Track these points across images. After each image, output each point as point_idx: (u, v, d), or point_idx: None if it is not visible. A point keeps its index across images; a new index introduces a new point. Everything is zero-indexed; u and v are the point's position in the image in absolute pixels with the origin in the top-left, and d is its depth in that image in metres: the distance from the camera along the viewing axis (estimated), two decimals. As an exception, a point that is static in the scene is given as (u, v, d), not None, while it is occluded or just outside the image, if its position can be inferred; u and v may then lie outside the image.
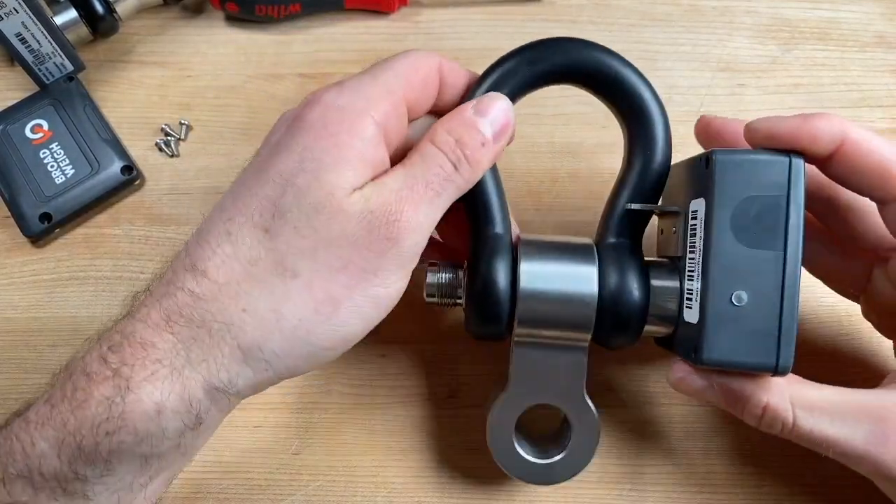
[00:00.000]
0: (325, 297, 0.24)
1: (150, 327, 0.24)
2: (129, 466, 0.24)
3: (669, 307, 0.27)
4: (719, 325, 0.25)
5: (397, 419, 0.33)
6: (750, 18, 0.42)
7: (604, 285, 0.27)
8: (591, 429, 0.29)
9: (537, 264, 0.28)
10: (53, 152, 0.37)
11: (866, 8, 0.42)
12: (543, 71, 0.28)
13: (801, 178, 0.24)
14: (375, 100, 0.26)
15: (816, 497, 0.32)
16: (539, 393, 0.29)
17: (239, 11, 0.40)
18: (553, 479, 0.30)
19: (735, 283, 0.25)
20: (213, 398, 0.24)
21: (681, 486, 0.32)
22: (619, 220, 0.29)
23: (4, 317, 0.35)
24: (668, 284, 0.28)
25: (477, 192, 0.28)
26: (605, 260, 0.28)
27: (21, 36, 0.36)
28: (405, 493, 0.32)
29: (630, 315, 0.27)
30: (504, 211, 0.29)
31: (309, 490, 0.32)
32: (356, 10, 0.42)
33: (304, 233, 0.24)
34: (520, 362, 0.29)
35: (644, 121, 0.28)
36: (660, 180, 0.28)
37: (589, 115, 0.39)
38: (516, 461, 0.30)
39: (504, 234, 0.29)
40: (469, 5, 0.42)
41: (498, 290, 0.27)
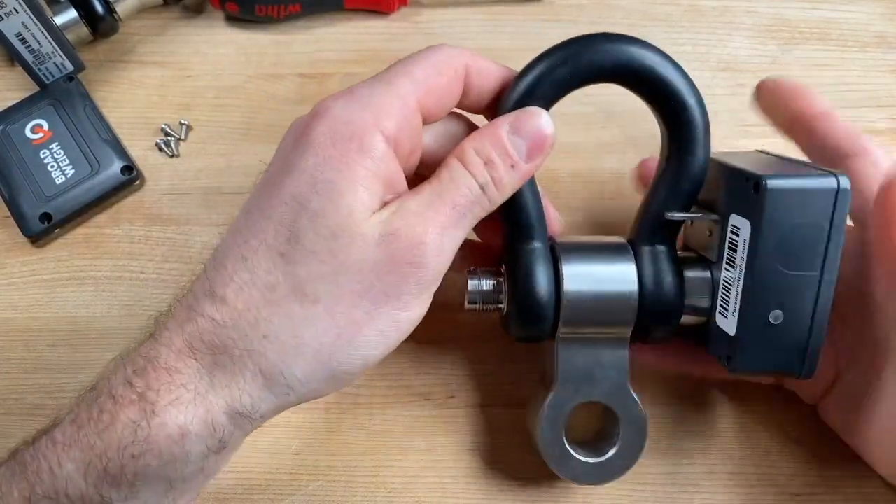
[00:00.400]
0: (347, 322, 0.24)
1: (174, 353, 0.24)
2: (154, 489, 0.24)
3: (702, 300, 0.29)
4: (754, 340, 0.26)
5: (397, 419, 0.33)
6: (750, 18, 0.42)
7: (643, 283, 0.28)
8: (639, 424, 0.30)
9: (579, 266, 0.28)
10: (53, 152, 0.37)
11: (866, 8, 0.42)
12: (583, 70, 0.27)
13: (847, 202, 0.25)
14: (385, 111, 0.25)
15: (817, 497, 0.32)
16: (586, 391, 0.29)
17: (239, 11, 0.40)
18: (606, 478, 0.30)
19: (772, 304, 0.26)
20: (237, 423, 0.24)
21: (681, 486, 0.32)
22: (653, 225, 0.29)
23: (4, 317, 0.35)
24: (701, 278, 0.29)
25: (514, 205, 0.28)
26: (642, 259, 0.28)
27: (21, 36, 0.36)
28: (405, 493, 0.32)
29: (669, 310, 0.28)
30: (542, 222, 0.29)
31: (309, 490, 0.32)
32: (356, 10, 0.42)
33: (323, 257, 0.23)
34: (565, 361, 0.29)
35: (685, 125, 0.28)
36: (697, 186, 0.28)
37: (589, 115, 0.39)
38: (570, 463, 0.30)
39: (542, 246, 0.29)
40: (469, 5, 0.42)
41: (541, 294, 0.28)
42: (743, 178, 0.26)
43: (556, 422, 0.29)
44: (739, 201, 0.26)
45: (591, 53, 0.27)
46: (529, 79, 0.27)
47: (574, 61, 0.27)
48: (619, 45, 0.27)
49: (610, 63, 0.27)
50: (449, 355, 0.35)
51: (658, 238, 0.29)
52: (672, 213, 0.28)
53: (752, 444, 0.33)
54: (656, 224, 0.29)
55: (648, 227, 0.29)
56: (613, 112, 0.39)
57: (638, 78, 0.27)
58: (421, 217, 0.24)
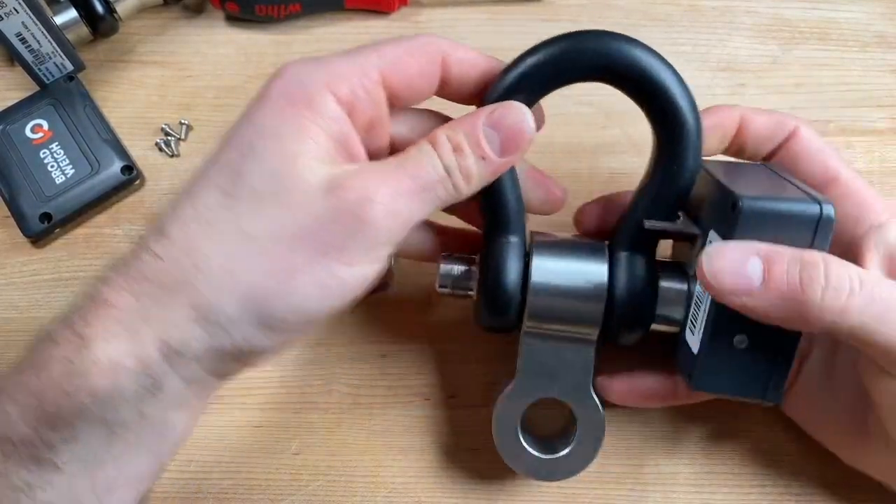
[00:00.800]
0: (283, 265, 0.23)
1: (114, 289, 0.23)
2: (93, 432, 0.23)
3: (676, 311, 0.28)
4: (716, 361, 0.25)
5: (397, 419, 0.33)
6: (750, 18, 0.42)
7: (614, 286, 0.28)
8: (596, 425, 0.29)
9: (549, 260, 0.28)
10: (53, 152, 0.37)
11: (866, 8, 0.42)
12: (571, 67, 0.26)
13: (829, 232, 0.24)
14: (341, 75, 0.25)
15: (817, 497, 0.32)
16: (546, 387, 0.29)
17: (239, 11, 0.40)
18: (556, 476, 0.30)
19: (737, 328, 0.25)
20: (170, 361, 0.23)
21: (681, 486, 0.32)
22: (633, 231, 0.28)
23: (4, 317, 0.35)
24: (676, 289, 0.28)
25: (492, 198, 0.28)
26: (618, 264, 0.28)
27: (21, 36, 0.36)
28: (405, 493, 0.32)
29: (638, 316, 0.28)
30: (521, 218, 0.29)
31: (309, 490, 0.32)
32: (356, 10, 0.42)
33: (264, 197, 0.23)
34: (528, 355, 0.29)
35: (676, 131, 0.27)
36: (682, 196, 0.27)
37: (589, 115, 0.39)
38: (521, 456, 0.30)
39: (518, 241, 0.28)
40: (469, 5, 0.42)
41: (508, 283, 0.28)
42: (724, 194, 0.25)
43: (511, 414, 0.29)
44: (718, 217, 0.25)
45: (579, 51, 0.26)
46: (516, 73, 0.27)
47: (562, 57, 0.26)
48: (609, 43, 0.26)
49: (599, 61, 0.26)
50: (448, 355, 0.35)
51: (636, 245, 0.28)
52: (652, 223, 0.28)
53: (752, 445, 0.33)
54: (635, 231, 0.28)
55: (628, 233, 0.28)
56: (613, 112, 0.39)
57: (627, 77, 0.26)
58: (375, 176, 0.24)
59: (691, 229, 0.27)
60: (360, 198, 0.23)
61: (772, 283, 0.23)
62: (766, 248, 0.23)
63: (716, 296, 0.24)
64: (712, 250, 0.24)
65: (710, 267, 0.23)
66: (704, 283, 0.24)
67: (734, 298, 0.23)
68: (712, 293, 0.24)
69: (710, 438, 0.33)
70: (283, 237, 0.23)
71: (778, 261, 0.23)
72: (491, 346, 0.34)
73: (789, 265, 0.23)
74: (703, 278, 0.24)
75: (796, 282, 0.23)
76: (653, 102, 0.27)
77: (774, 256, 0.23)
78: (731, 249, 0.24)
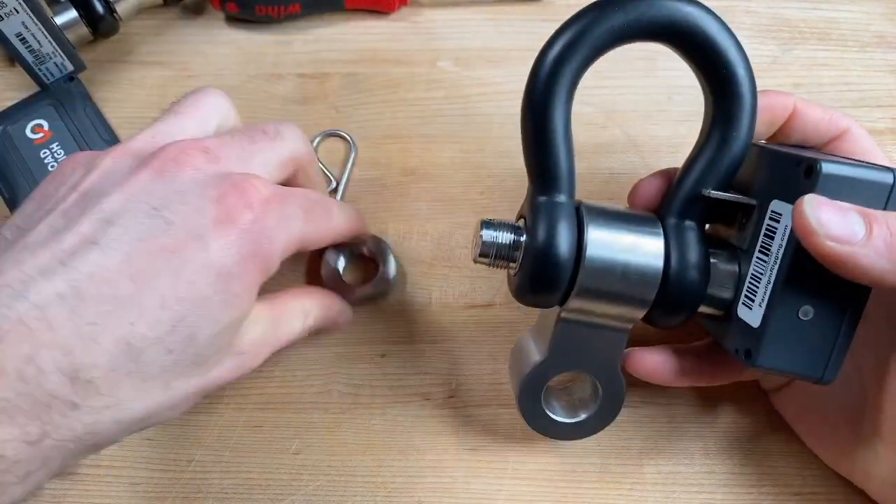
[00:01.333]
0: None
1: None
2: None
3: (725, 292, 0.27)
4: (780, 335, 0.25)
5: (397, 419, 0.33)
6: (750, 18, 0.42)
7: (668, 262, 0.26)
8: (616, 398, 0.29)
9: (605, 232, 0.26)
10: (54, 152, 0.37)
11: (866, 8, 0.42)
12: (636, 23, 0.25)
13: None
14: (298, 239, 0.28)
15: (817, 497, 0.32)
16: (574, 362, 0.29)
17: (239, 12, 0.40)
18: (572, 437, 0.31)
19: (804, 298, 0.24)
20: None
21: (681, 486, 0.32)
22: (686, 201, 0.27)
23: (4, 317, 0.35)
24: (725, 268, 0.27)
25: (543, 150, 0.27)
26: (670, 236, 0.27)
27: (21, 36, 0.36)
28: (405, 493, 0.32)
29: (689, 296, 0.27)
30: (571, 176, 0.27)
31: (309, 490, 0.32)
32: (356, 10, 0.42)
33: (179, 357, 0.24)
34: (563, 335, 0.28)
35: (732, 97, 0.26)
36: (736, 165, 0.27)
37: (589, 115, 0.39)
38: (542, 420, 0.30)
39: (569, 202, 0.27)
40: (469, 5, 0.42)
41: (560, 254, 0.26)
42: (793, 162, 0.25)
43: (537, 384, 0.29)
44: (784, 186, 0.25)
45: (645, 6, 0.25)
46: (580, 24, 0.26)
47: (628, 11, 0.25)
48: (675, 2, 0.25)
49: (663, 19, 0.25)
50: (449, 355, 0.35)
51: (689, 215, 0.27)
52: (711, 191, 0.26)
53: (752, 444, 0.33)
54: (689, 200, 0.27)
55: (680, 202, 0.27)
56: (613, 112, 0.39)
57: (689, 39, 0.26)
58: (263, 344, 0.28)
59: (750, 200, 0.27)
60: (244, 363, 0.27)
61: (875, 235, 0.22)
62: (857, 207, 0.23)
63: (816, 243, 0.23)
64: (812, 199, 0.23)
65: (813, 212, 0.23)
66: (807, 229, 0.23)
67: (836, 247, 0.22)
68: (812, 240, 0.23)
69: (710, 438, 0.33)
70: None
71: (875, 216, 0.23)
72: (491, 347, 0.34)
73: (889, 220, 0.23)
74: (807, 224, 0.23)
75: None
76: (712, 69, 0.26)
77: (870, 212, 0.23)
78: (829, 202, 0.23)
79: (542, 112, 0.27)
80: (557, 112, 0.27)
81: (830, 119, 0.28)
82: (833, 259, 0.23)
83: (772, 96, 0.28)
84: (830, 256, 0.23)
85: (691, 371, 0.30)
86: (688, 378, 0.30)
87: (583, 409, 0.30)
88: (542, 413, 0.30)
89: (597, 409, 0.30)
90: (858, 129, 0.29)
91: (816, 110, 0.29)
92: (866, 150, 0.28)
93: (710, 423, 0.33)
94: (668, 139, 0.39)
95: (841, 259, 0.23)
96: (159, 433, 0.33)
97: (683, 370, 0.30)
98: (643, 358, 0.30)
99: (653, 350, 0.30)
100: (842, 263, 0.23)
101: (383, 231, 0.36)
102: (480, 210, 0.37)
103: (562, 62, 0.26)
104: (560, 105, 0.27)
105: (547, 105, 0.26)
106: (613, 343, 0.29)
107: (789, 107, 0.28)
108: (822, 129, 0.29)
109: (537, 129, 0.27)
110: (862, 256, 0.22)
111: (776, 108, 0.28)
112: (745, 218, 0.27)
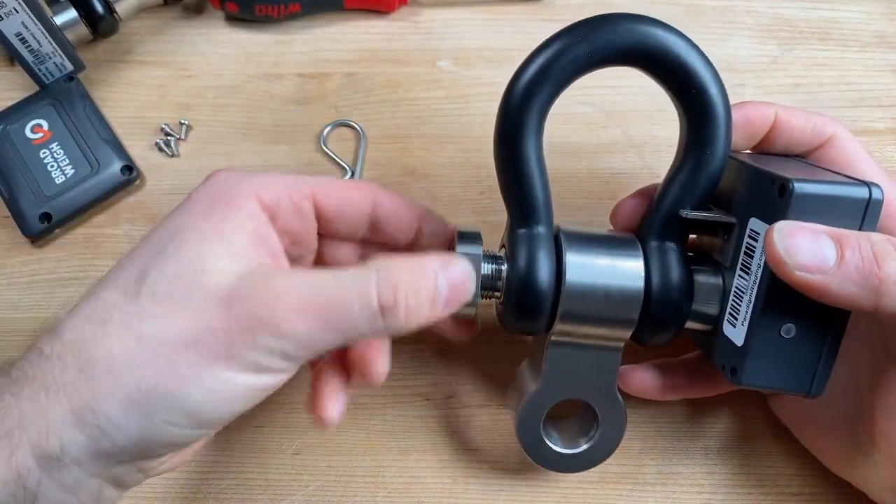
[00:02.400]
0: (170, 371, 0.22)
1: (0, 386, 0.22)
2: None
3: (710, 306, 0.27)
4: (763, 354, 0.25)
5: (397, 419, 0.33)
6: (750, 18, 0.42)
7: (650, 281, 0.27)
8: (618, 423, 0.29)
9: (583, 257, 0.27)
10: (53, 152, 0.37)
11: (866, 8, 0.42)
12: (601, 50, 0.25)
13: (877, 214, 0.23)
14: (269, 184, 0.25)
15: (817, 498, 0.32)
16: (570, 388, 0.29)
17: (239, 11, 0.40)
18: (578, 468, 0.30)
19: (786, 317, 0.24)
20: (46, 467, 0.21)
21: (681, 486, 0.32)
22: (665, 221, 0.27)
23: (4, 317, 0.35)
24: (710, 282, 0.27)
25: (520, 185, 0.27)
26: (650, 257, 0.27)
27: (21, 36, 0.36)
28: (405, 493, 0.32)
29: (675, 313, 0.27)
30: (548, 207, 0.27)
31: (309, 490, 0.32)
32: (356, 10, 0.42)
33: (161, 300, 0.22)
34: (554, 359, 0.28)
35: (706, 116, 0.26)
36: (714, 182, 0.27)
37: (589, 115, 0.39)
38: (544, 452, 0.30)
39: (547, 232, 0.27)
40: (469, 5, 0.42)
41: (540, 282, 0.26)
42: (767, 180, 0.24)
43: (536, 414, 0.29)
44: (761, 204, 0.25)
45: (609, 33, 0.25)
46: (544, 57, 0.26)
47: (592, 40, 0.25)
48: (640, 26, 0.25)
49: (629, 44, 0.25)
50: (449, 355, 0.35)
51: (669, 235, 0.27)
52: (688, 212, 0.27)
53: (752, 444, 0.33)
54: (668, 221, 0.27)
55: (659, 223, 0.27)
56: (613, 112, 0.39)
57: (658, 62, 0.25)
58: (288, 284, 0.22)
59: (728, 218, 0.26)
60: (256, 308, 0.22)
61: (847, 261, 0.22)
62: (830, 229, 0.23)
63: (786, 273, 0.23)
64: (783, 227, 0.23)
65: (783, 243, 0.23)
66: (776, 259, 0.23)
67: (807, 276, 0.22)
68: (782, 270, 0.23)
69: (710, 438, 0.33)
70: (171, 341, 0.22)
71: (848, 239, 0.23)
72: (491, 346, 0.34)
73: (860, 243, 0.23)
74: (776, 255, 0.23)
75: (871, 258, 0.22)
76: (683, 88, 0.26)
77: (843, 235, 0.23)
78: (801, 227, 0.23)
79: (513, 149, 0.27)
80: (529, 145, 0.27)
81: (814, 127, 0.28)
82: (805, 288, 0.23)
83: (750, 108, 0.28)
84: (802, 286, 0.23)
85: (682, 385, 0.30)
86: (680, 392, 0.31)
87: (584, 438, 0.30)
88: (544, 444, 0.29)
89: (598, 437, 0.29)
90: (845, 134, 0.28)
91: (799, 119, 0.28)
92: (852, 156, 0.28)
93: (710, 423, 0.33)
94: (668, 139, 0.38)
95: (814, 287, 0.23)
96: (159, 433, 0.33)
97: (675, 385, 0.30)
98: (633, 375, 0.30)
99: (642, 366, 0.30)
100: (815, 291, 0.23)
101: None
102: (480, 210, 0.37)
103: (528, 97, 0.26)
104: (531, 138, 0.27)
105: (517, 141, 0.26)
106: (607, 365, 0.28)
107: (770, 118, 0.28)
108: (805, 138, 0.28)
109: (510, 166, 0.27)
110: (833, 284, 0.22)
111: (755, 121, 0.28)
112: (727, 233, 0.27)
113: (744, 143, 0.29)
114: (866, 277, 0.22)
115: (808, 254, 0.22)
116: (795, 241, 0.23)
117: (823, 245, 0.23)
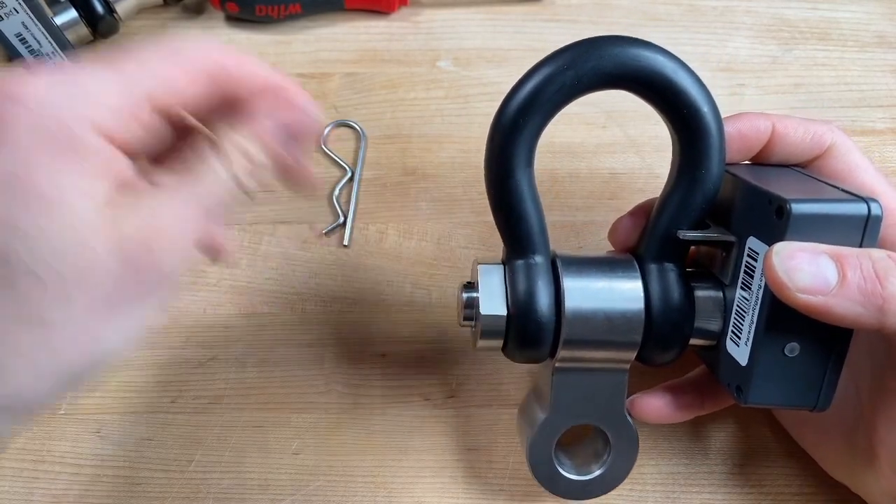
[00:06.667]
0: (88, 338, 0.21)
1: None
2: None
3: (713, 323, 0.27)
4: (768, 373, 0.25)
5: (397, 419, 0.33)
6: (750, 18, 0.42)
7: (650, 302, 0.26)
8: (630, 443, 0.29)
9: (581, 281, 0.27)
10: (53, 152, 0.37)
11: (866, 8, 0.42)
12: (588, 76, 0.25)
13: (877, 230, 0.23)
14: (106, 109, 0.21)
15: (817, 498, 0.32)
16: (578, 414, 0.29)
17: (239, 11, 0.40)
18: (593, 494, 0.30)
19: (789, 336, 0.24)
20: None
21: (681, 486, 0.32)
22: (662, 242, 0.27)
23: (4, 317, 0.35)
24: (712, 298, 0.27)
25: (513, 216, 0.27)
26: (649, 277, 0.27)
27: (21, 36, 0.36)
28: (405, 493, 0.32)
29: (677, 332, 0.27)
30: (544, 235, 0.27)
31: (309, 490, 0.32)
32: (356, 10, 0.42)
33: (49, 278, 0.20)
34: (560, 386, 0.28)
35: (698, 134, 0.25)
36: (710, 201, 0.26)
37: (589, 115, 0.39)
38: (557, 480, 0.29)
39: (544, 261, 0.27)
40: (469, 5, 0.42)
41: (541, 310, 0.26)
42: (765, 200, 0.24)
43: (546, 442, 0.29)
44: (759, 224, 0.24)
45: (595, 58, 0.25)
46: (530, 86, 0.25)
47: (578, 67, 0.25)
48: (626, 49, 0.25)
49: (616, 68, 0.25)
50: (449, 355, 0.35)
51: (667, 255, 0.27)
52: (685, 233, 0.26)
53: (752, 444, 0.33)
54: (665, 242, 0.27)
55: (657, 245, 0.27)
56: (613, 112, 0.39)
57: (646, 84, 0.25)
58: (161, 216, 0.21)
59: (727, 237, 0.26)
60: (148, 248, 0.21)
61: (849, 281, 0.22)
62: (831, 248, 0.23)
63: (787, 296, 0.22)
64: (782, 249, 0.23)
65: (783, 266, 0.22)
66: (777, 282, 0.22)
67: (809, 298, 0.22)
68: (783, 293, 0.23)
69: (710, 438, 0.33)
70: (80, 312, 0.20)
71: (848, 258, 0.22)
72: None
73: (861, 262, 0.22)
74: (777, 278, 0.22)
75: (873, 277, 0.22)
76: (674, 109, 0.26)
77: (843, 254, 0.22)
78: (801, 249, 0.23)
79: (504, 181, 0.26)
80: (520, 176, 0.26)
81: (812, 137, 0.28)
82: (808, 310, 0.22)
83: (745, 121, 0.27)
84: (805, 308, 0.22)
85: (694, 403, 0.30)
86: (692, 410, 0.30)
87: (597, 463, 0.30)
88: (558, 474, 0.29)
89: (611, 460, 0.29)
90: (845, 143, 0.28)
91: (798, 130, 0.28)
92: (852, 166, 0.27)
93: (711, 423, 0.33)
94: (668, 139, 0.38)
95: (816, 309, 0.22)
96: (159, 433, 0.33)
97: (687, 404, 0.30)
98: (646, 403, 0.30)
99: (652, 393, 0.30)
100: (818, 312, 0.22)
101: (383, 231, 0.36)
102: (480, 210, 0.37)
103: (516, 130, 0.26)
104: (521, 169, 0.26)
105: (508, 173, 0.26)
106: (614, 387, 0.28)
107: (766, 131, 0.27)
108: (804, 149, 0.28)
109: (502, 199, 0.27)
110: (835, 305, 0.22)
111: (750, 135, 0.27)
112: (725, 251, 0.27)
113: (739, 158, 0.28)
114: (869, 297, 0.22)
115: (808, 276, 0.22)
116: (795, 263, 0.22)
117: (824, 266, 0.22)
